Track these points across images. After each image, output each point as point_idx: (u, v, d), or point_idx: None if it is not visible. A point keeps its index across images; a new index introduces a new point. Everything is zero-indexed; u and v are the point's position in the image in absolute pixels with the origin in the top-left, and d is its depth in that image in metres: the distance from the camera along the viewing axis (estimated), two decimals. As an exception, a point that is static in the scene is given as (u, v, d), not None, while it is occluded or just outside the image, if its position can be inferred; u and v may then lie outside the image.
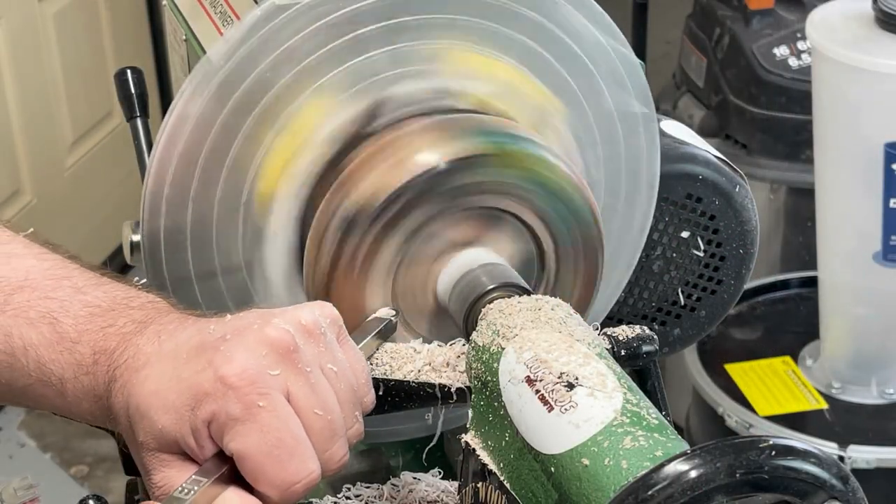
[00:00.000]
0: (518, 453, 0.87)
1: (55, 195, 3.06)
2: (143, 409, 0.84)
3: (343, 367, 0.88)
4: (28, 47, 2.91)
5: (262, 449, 0.82)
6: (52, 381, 0.88)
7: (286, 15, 1.00)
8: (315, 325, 0.87)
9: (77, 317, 0.89)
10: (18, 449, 2.91)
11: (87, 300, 0.90)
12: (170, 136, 1.01)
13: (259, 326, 0.85)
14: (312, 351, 0.86)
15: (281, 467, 0.83)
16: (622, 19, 1.10)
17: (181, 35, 1.25)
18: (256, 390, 0.82)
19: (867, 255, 2.14)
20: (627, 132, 1.12)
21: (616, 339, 0.96)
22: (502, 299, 0.96)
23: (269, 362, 0.83)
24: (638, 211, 1.15)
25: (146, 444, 0.84)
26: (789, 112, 2.49)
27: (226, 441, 0.83)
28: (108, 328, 0.88)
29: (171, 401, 0.83)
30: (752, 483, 0.75)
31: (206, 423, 0.83)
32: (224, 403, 0.82)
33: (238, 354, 0.83)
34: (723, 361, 2.36)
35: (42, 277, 0.91)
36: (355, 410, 0.88)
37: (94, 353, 0.87)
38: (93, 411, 0.88)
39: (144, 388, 0.84)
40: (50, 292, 0.90)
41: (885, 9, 2.05)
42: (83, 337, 0.88)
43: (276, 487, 0.83)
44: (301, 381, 0.84)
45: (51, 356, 0.88)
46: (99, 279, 0.92)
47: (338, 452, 0.86)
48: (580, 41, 1.08)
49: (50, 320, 0.89)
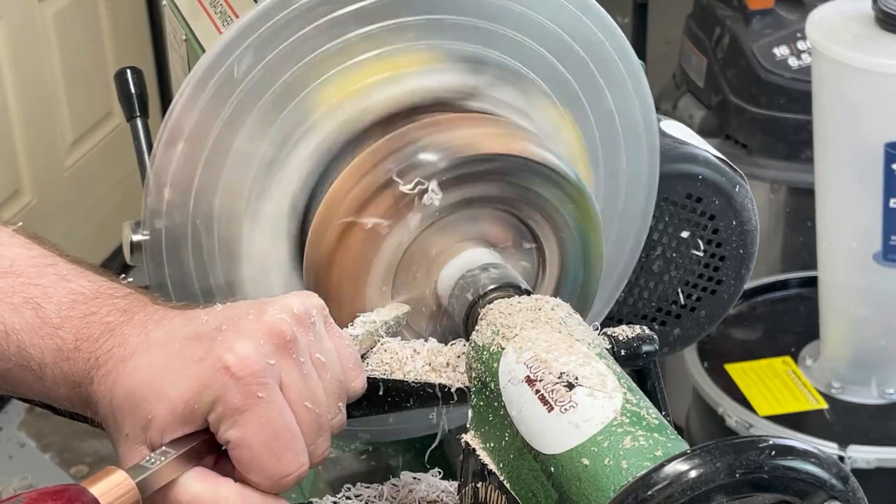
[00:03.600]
0: (518, 453, 0.87)
1: (55, 195, 3.06)
2: (133, 400, 0.84)
3: (330, 357, 0.88)
4: (28, 47, 2.91)
5: (260, 440, 0.83)
6: (32, 366, 0.89)
7: (285, 14, 1.00)
8: (306, 314, 0.87)
9: (60, 303, 0.89)
10: (18, 449, 2.91)
11: (72, 288, 0.90)
12: (170, 136, 1.01)
13: (255, 316, 0.85)
14: (304, 340, 0.87)
15: (276, 459, 0.83)
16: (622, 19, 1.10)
17: (181, 35, 1.26)
18: (257, 380, 0.83)
19: (867, 255, 2.14)
20: (628, 132, 1.12)
21: (616, 339, 0.96)
22: (502, 299, 0.96)
23: (267, 351, 0.84)
24: (638, 211, 1.16)
25: (133, 437, 0.85)
26: (789, 112, 2.48)
27: (223, 430, 0.83)
28: (92, 316, 0.88)
29: (165, 391, 0.83)
30: (752, 483, 0.75)
31: (204, 414, 0.83)
32: (224, 393, 0.83)
33: (237, 344, 0.83)
34: (723, 361, 2.36)
35: (27, 265, 0.91)
36: (339, 401, 0.89)
37: (76, 340, 0.88)
38: (70, 397, 0.89)
39: (134, 378, 0.84)
40: (34, 279, 0.90)
41: (885, 9, 2.05)
42: (66, 323, 0.88)
43: (269, 478, 0.84)
44: (295, 371, 0.85)
45: (32, 341, 0.88)
46: (83, 270, 0.93)
47: (321, 446, 0.87)
48: (580, 40, 1.08)
49: (33, 306, 0.89)
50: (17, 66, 2.87)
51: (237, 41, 1.00)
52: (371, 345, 0.98)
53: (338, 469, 1.18)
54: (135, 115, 1.26)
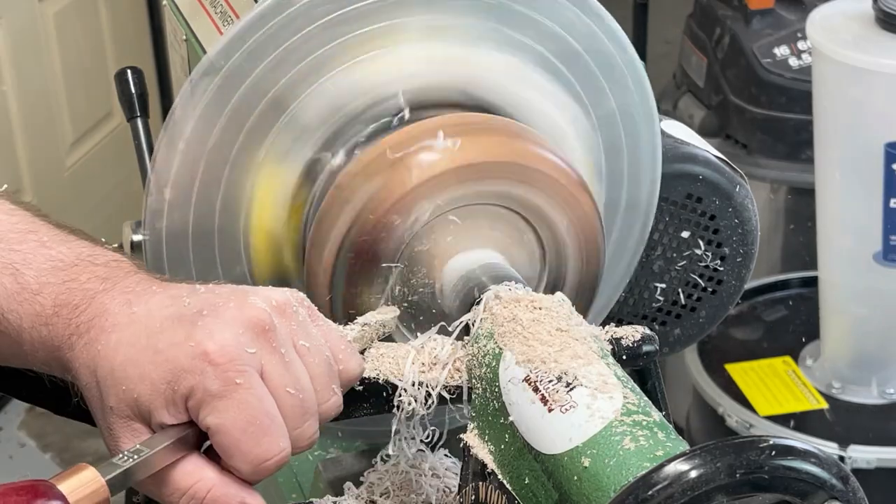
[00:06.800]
0: (518, 453, 0.87)
1: (55, 195, 3.05)
2: (117, 377, 0.85)
3: (317, 343, 0.89)
4: (28, 47, 2.91)
5: (237, 425, 0.84)
6: (9, 331, 0.89)
7: (286, 15, 1.00)
8: (287, 304, 0.88)
9: (40, 269, 0.90)
10: (18, 449, 2.91)
11: (51, 254, 0.90)
12: (171, 136, 1.01)
13: (236, 305, 0.86)
14: (285, 329, 0.87)
15: (255, 443, 0.84)
16: (622, 19, 1.10)
17: (181, 35, 1.26)
18: (235, 367, 0.84)
19: (867, 255, 2.14)
20: (628, 132, 1.12)
21: (616, 340, 0.96)
22: (502, 299, 0.96)
23: (246, 340, 0.85)
24: (638, 211, 1.16)
25: (117, 411, 0.85)
26: (789, 112, 2.49)
27: (202, 416, 0.84)
28: (71, 282, 0.89)
29: (147, 371, 0.84)
30: (753, 483, 0.75)
31: (183, 398, 0.84)
32: (202, 379, 0.83)
33: (217, 331, 0.84)
34: (723, 361, 2.36)
35: (8, 231, 0.92)
36: (332, 384, 0.89)
37: (55, 306, 0.88)
38: (48, 361, 0.89)
39: (118, 354, 0.85)
40: (15, 245, 0.91)
41: (885, 9, 2.06)
42: (44, 289, 0.89)
43: (249, 463, 0.85)
44: (275, 359, 0.85)
45: (10, 306, 0.89)
46: (66, 236, 0.93)
47: (307, 430, 0.87)
48: (581, 40, 1.08)
49: (12, 271, 0.89)
50: (17, 66, 2.87)
51: (238, 41, 1.00)
52: (365, 346, 0.97)
53: (338, 469, 1.18)
54: (135, 116, 1.26)
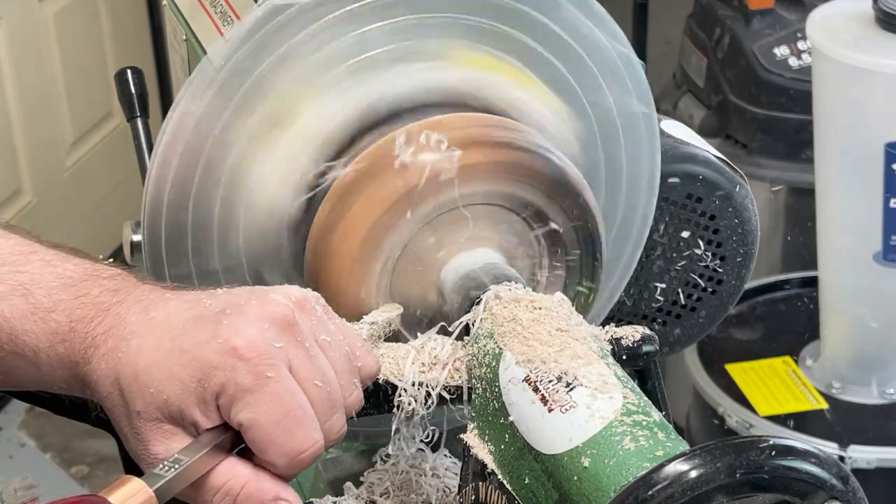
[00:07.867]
0: (518, 453, 0.87)
1: (55, 195, 3.06)
2: (142, 381, 0.85)
3: (336, 338, 0.89)
4: (28, 47, 2.91)
5: (272, 418, 0.84)
6: (26, 352, 0.89)
7: (286, 14, 1.00)
8: (306, 300, 0.89)
9: (50, 288, 0.89)
10: (18, 449, 2.91)
11: (59, 272, 0.90)
12: (171, 136, 1.01)
13: (258, 302, 0.86)
14: (307, 324, 0.88)
15: (290, 436, 0.84)
16: (622, 19, 1.10)
17: (181, 35, 1.25)
18: (265, 361, 0.84)
19: (867, 255, 2.14)
20: (628, 132, 1.12)
21: (616, 340, 0.96)
22: (503, 299, 0.96)
23: (272, 335, 0.85)
24: (638, 211, 1.16)
25: (146, 414, 0.85)
26: (789, 112, 2.49)
27: (234, 412, 0.84)
28: (83, 297, 0.89)
29: (175, 372, 0.84)
30: (753, 483, 0.75)
31: (214, 395, 0.84)
32: (233, 375, 0.83)
33: (243, 327, 0.84)
34: (723, 361, 2.36)
35: (9, 253, 0.92)
36: (353, 378, 0.90)
37: (70, 321, 0.88)
38: (67, 379, 0.89)
39: (141, 359, 0.85)
40: (20, 266, 0.91)
41: (885, 9, 2.06)
42: (58, 306, 0.89)
43: (286, 456, 0.85)
44: (301, 353, 0.86)
45: (24, 327, 0.89)
46: (66, 255, 0.93)
47: (336, 423, 0.88)
48: (581, 40, 1.08)
49: (22, 292, 0.89)
50: (17, 66, 2.87)
51: (238, 41, 1.00)
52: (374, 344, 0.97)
53: (338, 469, 1.18)
54: (135, 115, 1.26)
